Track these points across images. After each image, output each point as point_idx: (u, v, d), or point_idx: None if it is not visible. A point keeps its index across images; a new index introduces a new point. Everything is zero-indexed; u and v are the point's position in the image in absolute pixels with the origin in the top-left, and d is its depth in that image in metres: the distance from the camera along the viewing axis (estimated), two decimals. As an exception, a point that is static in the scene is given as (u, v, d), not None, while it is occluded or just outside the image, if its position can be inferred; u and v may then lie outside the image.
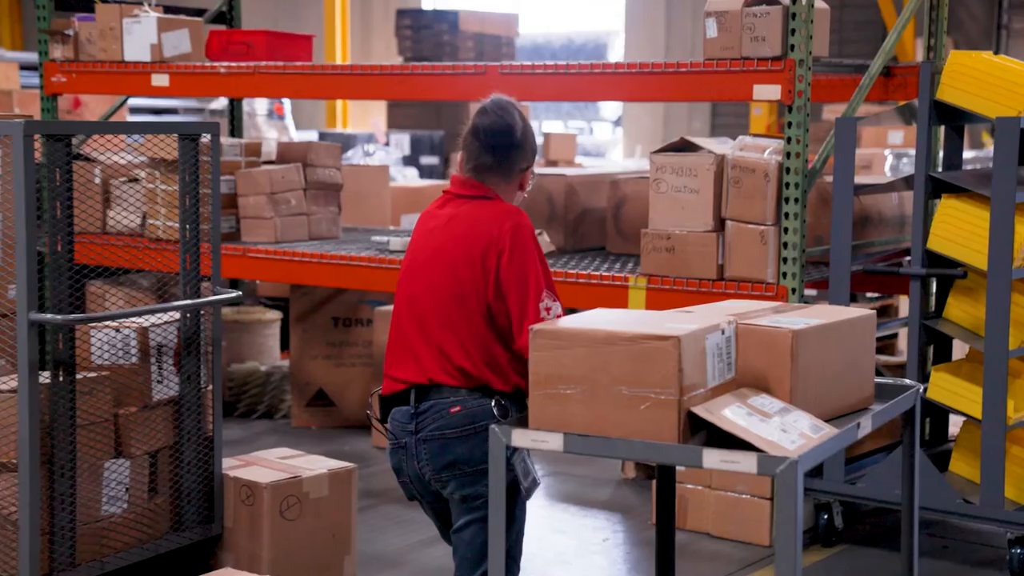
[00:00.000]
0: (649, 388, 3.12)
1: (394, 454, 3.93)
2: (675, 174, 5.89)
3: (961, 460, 5.70)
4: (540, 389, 3.25)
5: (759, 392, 3.33)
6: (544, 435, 3.24)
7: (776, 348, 3.37)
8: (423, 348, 3.84)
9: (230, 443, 7.47)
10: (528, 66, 6.22)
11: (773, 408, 3.25)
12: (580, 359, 3.20)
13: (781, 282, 5.67)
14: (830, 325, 3.52)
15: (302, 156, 7.42)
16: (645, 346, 3.11)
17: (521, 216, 3.88)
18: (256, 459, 5.33)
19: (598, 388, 3.18)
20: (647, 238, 5.97)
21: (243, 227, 7.29)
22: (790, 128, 5.63)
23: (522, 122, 3.99)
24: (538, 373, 3.26)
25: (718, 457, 3.06)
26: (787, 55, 5.58)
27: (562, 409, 3.23)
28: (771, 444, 3.06)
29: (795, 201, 5.62)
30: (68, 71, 7.59)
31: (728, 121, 19.03)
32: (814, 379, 3.44)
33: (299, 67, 6.92)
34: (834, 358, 3.53)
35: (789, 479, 2.98)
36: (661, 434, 3.12)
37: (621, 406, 3.15)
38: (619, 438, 3.16)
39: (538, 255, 3.82)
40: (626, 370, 3.14)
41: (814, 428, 3.22)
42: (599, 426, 3.19)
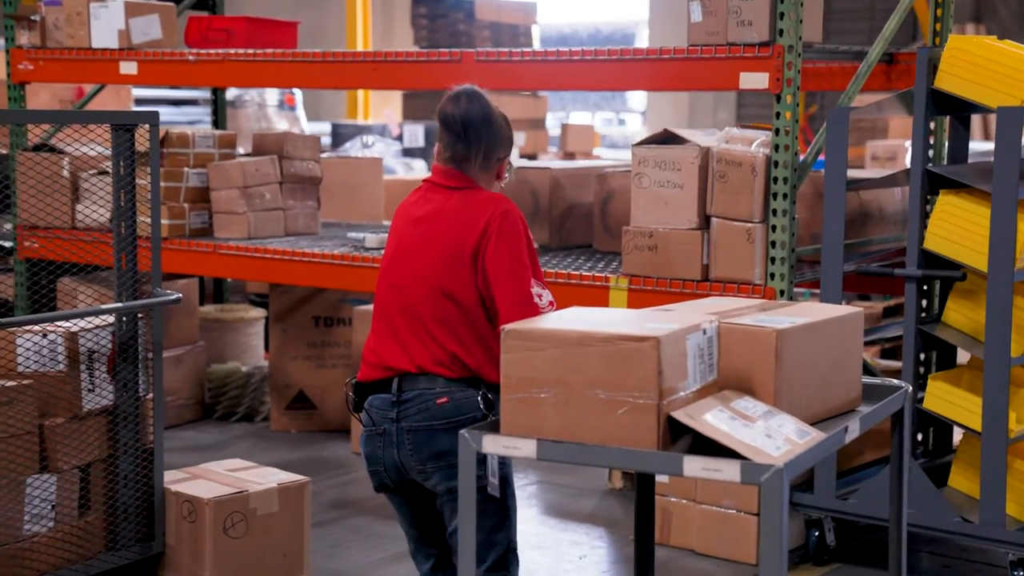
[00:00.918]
0: (627, 392, 2.96)
1: (370, 441, 3.84)
2: (658, 168, 5.53)
3: (961, 475, 5.32)
4: (512, 393, 3.08)
5: (742, 395, 3.17)
6: (516, 441, 3.07)
7: (760, 348, 3.20)
8: (411, 338, 3.78)
9: (203, 448, 7.18)
10: (505, 53, 5.87)
11: (757, 412, 3.09)
12: (553, 361, 3.03)
13: (769, 283, 5.31)
14: (816, 324, 3.34)
15: (278, 148, 7.10)
16: (622, 347, 2.96)
17: (509, 203, 3.81)
18: (203, 472, 5.01)
19: (573, 392, 3.02)
20: (628, 236, 5.61)
21: (216, 222, 6.98)
22: (778, 119, 5.26)
23: (494, 110, 3.91)
24: (509, 376, 3.09)
25: (699, 465, 2.90)
26: (775, 40, 5.21)
27: (535, 414, 3.07)
28: (755, 451, 2.90)
29: (783, 197, 5.25)
30: (35, 58, 7.28)
31: (755, 112, 18.54)
32: (799, 380, 3.28)
33: (269, 55, 6.58)
34: (820, 358, 3.37)
35: (774, 488, 2.82)
36: (640, 440, 2.96)
37: (597, 411, 2.99)
38: (595, 444, 3.00)
39: (527, 243, 3.77)
40: (602, 373, 2.98)
41: (800, 433, 3.06)
42: (574, 432, 3.03)
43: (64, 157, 7.25)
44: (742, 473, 2.85)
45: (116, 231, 4.70)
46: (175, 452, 7.10)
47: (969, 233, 4.98)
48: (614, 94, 25.22)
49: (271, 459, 7.01)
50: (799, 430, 3.08)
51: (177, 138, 6.91)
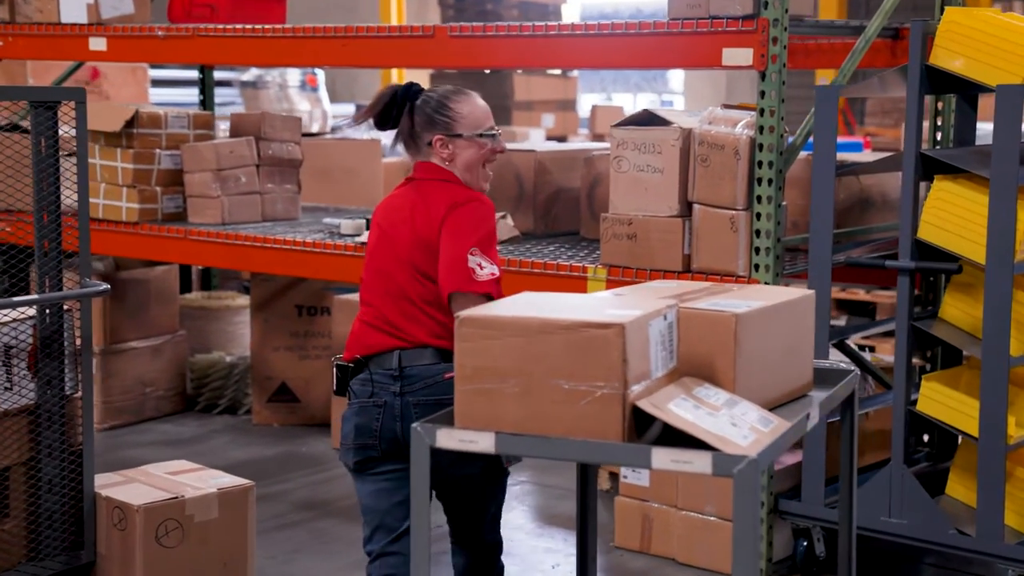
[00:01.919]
0: (590, 381, 2.82)
1: (362, 412, 3.79)
2: (637, 151, 5.16)
3: (959, 483, 4.94)
4: (468, 384, 2.92)
5: (701, 382, 3.04)
6: (472, 435, 2.91)
7: (719, 333, 3.08)
8: (402, 318, 3.80)
9: (178, 442, 6.90)
10: (479, 28, 5.51)
11: (719, 400, 2.97)
12: (512, 350, 2.87)
13: (753, 275, 4.93)
14: (772, 308, 3.22)
15: (255, 129, 6.77)
16: (585, 334, 2.81)
17: (474, 196, 3.83)
18: (141, 474, 4.70)
19: (533, 382, 2.86)
20: (607, 223, 5.24)
21: (189, 206, 6.66)
22: (763, 98, 4.88)
23: (394, 91, 3.89)
24: (465, 366, 2.92)
25: (668, 457, 2.76)
26: (760, 14, 4.83)
27: (492, 405, 2.90)
28: (724, 441, 2.77)
29: (768, 182, 4.86)
30: (4, 34, 6.99)
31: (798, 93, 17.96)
32: (758, 366, 3.15)
33: (238, 30, 6.25)
34: (776, 343, 3.26)
35: (749, 479, 2.69)
36: (605, 432, 2.82)
37: (559, 401, 2.85)
38: (558, 437, 2.84)
39: (476, 218, 3.75)
40: (564, 362, 2.83)
41: (763, 421, 2.94)
42: (535, 424, 2.87)
43: (33, 138, 6.95)
44: (714, 464, 2.73)
45: (36, 217, 4.37)
46: (147, 446, 6.83)
47: (966, 222, 4.59)
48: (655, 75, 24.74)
49: (248, 455, 6.73)
50: (762, 418, 2.96)
51: (148, 118, 6.59)
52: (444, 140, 3.84)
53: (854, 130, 15.52)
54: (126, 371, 7.18)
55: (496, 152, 3.93)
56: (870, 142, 12.21)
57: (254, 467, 6.49)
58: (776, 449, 2.88)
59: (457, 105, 3.86)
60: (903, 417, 4.78)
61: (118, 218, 6.60)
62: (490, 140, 3.88)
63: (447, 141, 3.84)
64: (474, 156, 3.87)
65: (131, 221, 6.57)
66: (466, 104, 3.87)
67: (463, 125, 3.85)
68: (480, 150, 3.87)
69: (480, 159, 3.89)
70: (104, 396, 7.08)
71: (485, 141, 3.88)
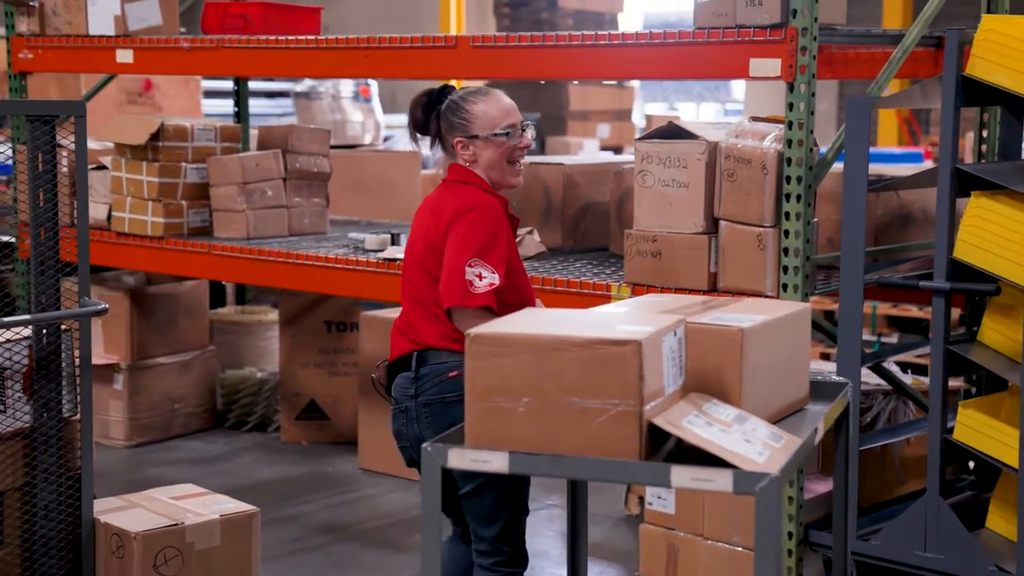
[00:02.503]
0: (606, 399, 2.79)
1: (395, 419, 3.96)
2: (662, 165, 4.96)
3: (999, 515, 4.69)
4: (479, 402, 2.88)
5: (708, 397, 3.02)
6: (486, 454, 2.86)
7: (725, 348, 3.06)
8: (421, 320, 3.90)
9: (206, 460, 6.77)
10: (501, 38, 5.34)
11: (729, 416, 2.95)
12: (525, 368, 2.84)
13: (781, 295, 4.72)
14: (774, 321, 3.22)
15: (282, 142, 6.64)
16: (601, 352, 2.78)
17: (478, 202, 3.84)
18: (144, 499, 4.56)
19: (546, 400, 2.83)
20: (630, 240, 5.05)
21: (215, 221, 6.54)
22: (791, 110, 4.67)
23: (427, 97, 4.02)
24: (476, 383, 2.88)
25: (688, 475, 2.73)
26: (788, 22, 4.62)
27: (505, 424, 2.86)
28: (742, 458, 2.74)
29: (797, 198, 4.65)
30: (35, 47, 6.91)
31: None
32: (761, 380, 3.15)
33: (262, 41, 6.13)
34: (777, 357, 3.26)
35: (771, 497, 2.66)
36: (621, 450, 2.78)
37: (573, 420, 2.81)
38: (572, 456, 2.80)
39: (478, 224, 3.78)
40: (579, 379, 2.80)
41: (774, 437, 2.93)
42: (549, 443, 2.83)
43: (63, 151, 6.86)
44: (735, 482, 2.69)
45: (33, 235, 4.25)
46: (172, 465, 6.72)
47: (1005, 240, 4.35)
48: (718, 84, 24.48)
49: (273, 474, 6.59)
50: (772, 434, 2.94)
51: (174, 131, 6.48)
52: (464, 142, 3.92)
53: (919, 140, 15.19)
54: (154, 387, 7.07)
55: (519, 149, 3.94)
56: (931, 152, 11.90)
57: (277, 487, 6.36)
58: (793, 466, 2.85)
59: (472, 106, 3.91)
60: (939, 446, 4.54)
61: (144, 232, 6.50)
62: (506, 138, 3.89)
63: (467, 143, 3.91)
64: (494, 155, 3.91)
65: (156, 235, 6.46)
66: (481, 104, 3.91)
67: (478, 126, 3.89)
68: (499, 149, 3.90)
69: (501, 157, 3.91)
70: (131, 413, 6.98)
71: (502, 140, 3.89)
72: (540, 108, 16.15)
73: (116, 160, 6.59)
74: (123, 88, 12.09)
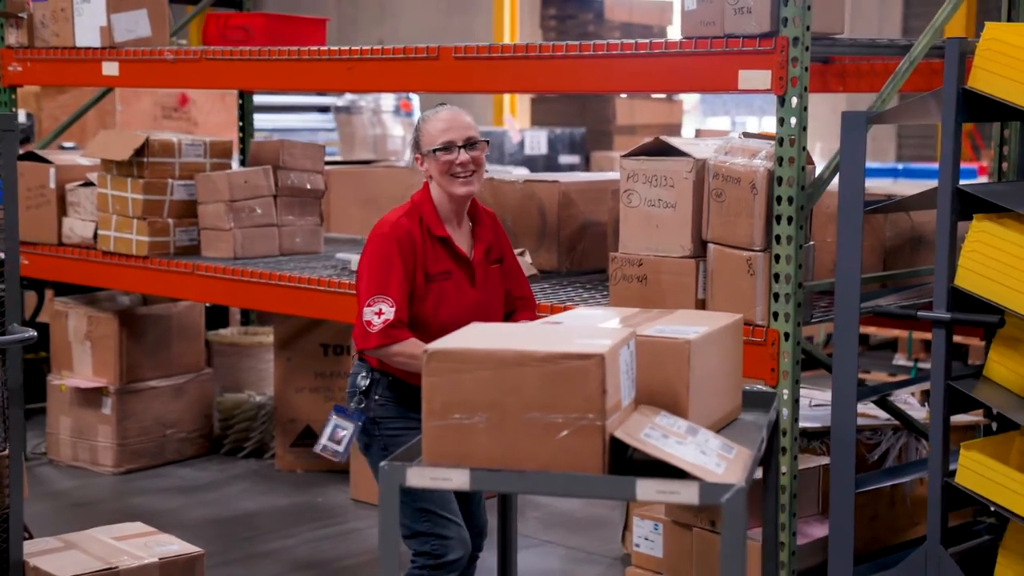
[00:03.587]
0: (568, 413, 2.81)
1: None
2: (648, 184, 4.64)
3: (1008, 567, 4.30)
4: (436, 419, 2.88)
5: (658, 410, 3.05)
6: (446, 472, 2.87)
7: (673, 360, 3.12)
8: None
9: (194, 488, 6.51)
10: (484, 48, 5.04)
11: (680, 428, 2.99)
12: (485, 383, 2.84)
13: (772, 323, 4.38)
14: (715, 332, 3.29)
15: (274, 157, 6.38)
16: (564, 366, 2.80)
17: (381, 227, 3.98)
18: (84, 539, 4.31)
19: (508, 415, 2.83)
20: (615, 263, 4.73)
21: (203, 239, 6.29)
22: (781, 126, 4.33)
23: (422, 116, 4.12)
24: (433, 401, 2.88)
25: (653, 488, 2.78)
26: (779, 31, 4.28)
27: (464, 441, 2.86)
28: (703, 470, 2.80)
29: (788, 220, 4.31)
30: (23, 59, 6.69)
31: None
32: (706, 391, 3.22)
33: (244, 53, 5.87)
34: (718, 368, 3.32)
35: (738, 508, 2.73)
36: (584, 464, 2.80)
37: (535, 435, 2.83)
38: (535, 471, 2.82)
39: (373, 258, 3.90)
40: (541, 394, 2.81)
41: (726, 448, 2.98)
42: (510, 459, 2.84)
43: (51, 167, 6.66)
44: (701, 494, 2.75)
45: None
46: (156, 493, 6.46)
47: (1010, 268, 3.98)
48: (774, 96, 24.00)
49: (260, 504, 6.32)
50: (723, 445, 2.98)
51: (160, 146, 6.23)
52: (420, 158, 4.06)
53: (981, 155, 14.69)
54: (144, 412, 6.82)
55: (457, 164, 3.97)
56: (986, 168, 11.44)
57: (263, 518, 6.09)
58: (751, 477, 2.92)
59: (423, 123, 4.06)
60: (940, 490, 4.18)
61: (128, 251, 6.25)
62: (444, 152, 3.96)
63: (421, 159, 4.05)
64: (436, 170, 4.00)
65: (141, 255, 6.21)
66: (430, 121, 4.03)
67: (424, 142, 4.02)
68: (438, 164, 3.98)
69: (441, 172, 3.99)
70: (119, 438, 6.73)
71: (440, 154, 3.96)
72: (585, 122, 15.86)
73: (102, 176, 6.36)
74: (158, 103, 11.92)
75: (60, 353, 6.99)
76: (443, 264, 3.96)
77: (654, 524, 4.84)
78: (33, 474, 6.85)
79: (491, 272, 4.11)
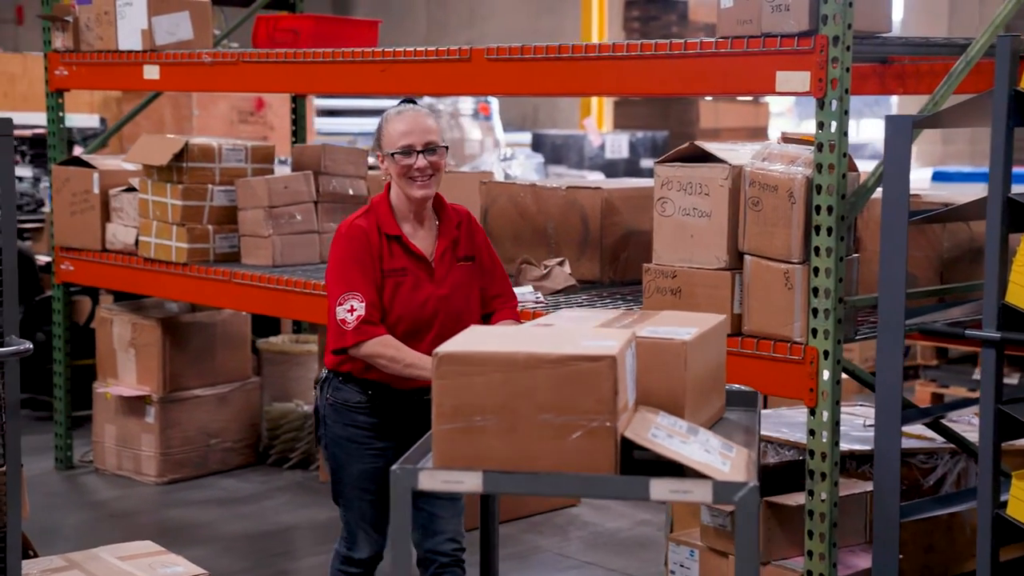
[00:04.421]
0: (580, 415, 2.81)
1: None
2: (683, 191, 4.40)
3: (1063, 604, 4.01)
4: (447, 423, 2.86)
5: (656, 411, 3.05)
6: (458, 475, 2.86)
7: (670, 361, 3.12)
8: None
9: (235, 500, 6.38)
10: (516, 50, 4.82)
11: (682, 428, 3.00)
12: (496, 386, 2.84)
13: (810, 340, 4.11)
14: (706, 333, 3.29)
15: (315, 162, 6.21)
16: (576, 368, 2.80)
17: (339, 230, 4.02)
18: (88, 559, 4.15)
19: (519, 417, 2.83)
20: (649, 275, 4.50)
21: (242, 246, 6.14)
22: (821, 130, 4.07)
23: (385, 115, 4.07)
24: (443, 404, 2.86)
25: (667, 488, 2.78)
26: (818, 30, 4.02)
27: (476, 444, 2.85)
28: (713, 470, 2.81)
29: (828, 231, 4.05)
30: (69, 63, 6.61)
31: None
32: (699, 391, 3.23)
33: (280, 55, 5.72)
34: (708, 368, 3.32)
35: (751, 506, 2.75)
36: (596, 465, 2.81)
37: (547, 436, 2.83)
38: (548, 473, 2.82)
39: (334, 260, 3.94)
40: (553, 396, 2.82)
41: (726, 447, 3.00)
42: (522, 461, 2.83)
43: (94, 172, 6.56)
44: (714, 493, 2.76)
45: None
46: (196, 505, 6.33)
47: (1064, 284, 3.69)
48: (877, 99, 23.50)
49: (296, 519, 6.16)
50: (723, 444, 3.01)
51: (200, 151, 6.10)
52: (381, 156, 4.00)
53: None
54: (188, 421, 6.70)
55: (414, 169, 3.92)
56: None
57: (299, 533, 5.93)
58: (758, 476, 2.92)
59: (385, 123, 4.00)
60: (989, 522, 3.89)
61: (168, 258, 6.13)
62: (402, 156, 3.91)
63: (382, 157, 4.00)
64: (395, 172, 3.96)
65: (180, 262, 6.08)
66: (391, 122, 3.97)
67: (384, 144, 3.97)
68: (396, 166, 3.94)
69: (399, 175, 3.95)
70: (163, 448, 6.62)
71: (399, 157, 3.92)
72: (669, 125, 15.60)
73: (143, 182, 6.24)
74: (235, 108, 11.88)
75: (105, 360, 6.89)
76: (398, 262, 3.96)
77: (690, 551, 4.60)
78: (77, 483, 6.76)
79: (458, 269, 4.05)
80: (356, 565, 4.09)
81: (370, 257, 3.91)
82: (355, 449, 3.97)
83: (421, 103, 13.98)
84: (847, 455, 4.71)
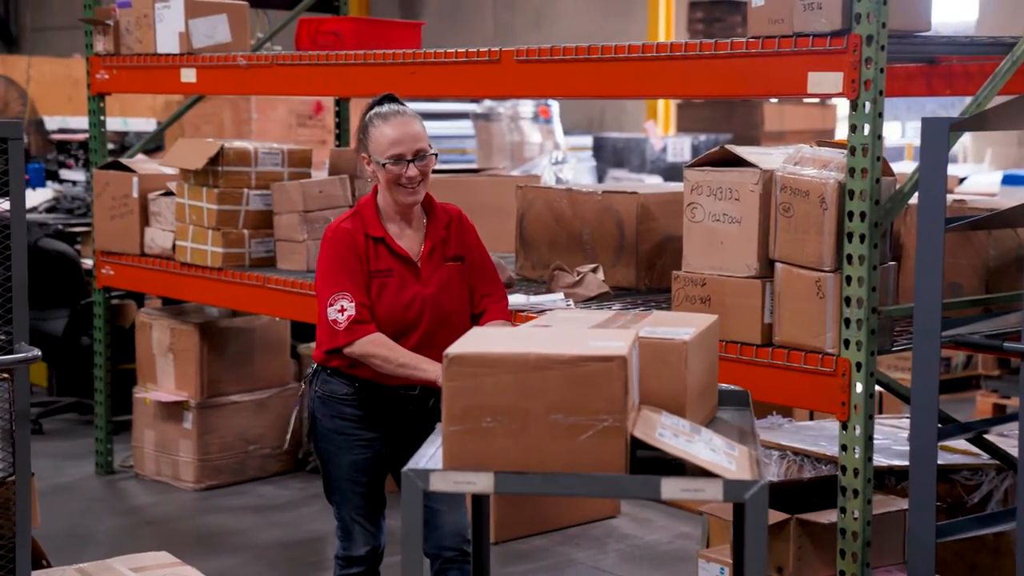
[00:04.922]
0: (591, 415, 2.81)
1: None
2: (713, 197, 4.26)
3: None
4: (457, 424, 2.85)
5: (659, 410, 3.05)
6: (469, 476, 2.86)
7: (671, 361, 3.12)
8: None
9: (271, 508, 6.31)
10: (546, 51, 4.70)
11: (685, 427, 3.00)
12: (507, 387, 2.83)
13: (843, 352, 3.96)
14: (703, 332, 3.29)
15: (351, 166, 6.12)
16: (587, 368, 2.81)
17: (325, 234, 4.01)
18: (101, 570, 4.08)
19: (530, 418, 2.83)
20: (678, 283, 4.36)
21: (278, 251, 6.06)
22: (854, 134, 3.91)
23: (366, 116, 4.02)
24: (453, 406, 2.84)
25: (678, 486, 2.79)
26: (851, 29, 3.87)
27: (486, 445, 2.85)
28: (721, 468, 2.82)
29: (861, 238, 3.89)
30: (109, 66, 6.57)
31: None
32: (698, 390, 3.24)
33: (312, 57, 5.64)
34: (703, 368, 3.32)
35: (761, 504, 2.76)
36: (607, 465, 2.82)
37: (558, 437, 2.83)
38: (560, 473, 2.82)
39: (322, 263, 3.96)
40: (564, 396, 2.82)
41: (728, 445, 3.01)
42: (533, 461, 2.83)
43: (133, 176, 6.52)
44: (725, 491, 2.77)
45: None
46: (232, 512, 6.27)
47: (1106, 295, 3.51)
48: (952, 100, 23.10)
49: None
50: (726, 443, 3.02)
51: (235, 155, 6.03)
52: (366, 158, 3.98)
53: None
54: (226, 427, 6.64)
55: (405, 177, 3.90)
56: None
57: (327, 543, 5.80)
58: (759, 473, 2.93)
59: (373, 128, 3.94)
60: (1028, 543, 3.71)
61: (203, 263, 6.07)
62: (393, 166, 3.88)
63: (367, 159, 3.97)
64: (384, 179, 3.93)
65: (216, 266, 6.02)
66: (379, 128, 3.92)
67: (372, 149, 3.93)
68: (386, 174, 3.91)
69: (388, 182, 3.92)
70: (200, 453, 6.56)
71: (389, 167, 3.89)
72: (733, 128, 15.39)
73: (180, 186, 6.19)
74: (293, 111, 11.87)
75: (145, 365, 6.85)
76: (384, 263, 3.96)
77: (720, 568, 4.46)
78: (116, 488, 6.73)
79: (445, 269, 4.02)
80: (356, 563, 4.11)
81: (356, 259, 3.91)
82: (343, 441, 4.04)
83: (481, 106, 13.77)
84: (886, 471, 4.55)
